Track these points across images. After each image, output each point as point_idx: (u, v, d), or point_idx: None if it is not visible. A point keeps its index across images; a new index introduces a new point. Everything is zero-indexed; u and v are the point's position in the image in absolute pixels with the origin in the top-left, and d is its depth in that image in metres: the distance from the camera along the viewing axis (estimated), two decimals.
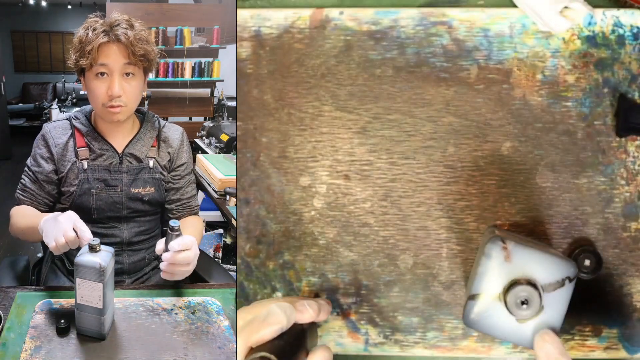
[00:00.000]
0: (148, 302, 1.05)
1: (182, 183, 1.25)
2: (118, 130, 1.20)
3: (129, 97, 1.14)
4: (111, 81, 1.12)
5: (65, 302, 1.03)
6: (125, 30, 1.11)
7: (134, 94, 1.15)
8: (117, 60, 1.11)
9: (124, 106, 1.14)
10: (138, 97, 1.17)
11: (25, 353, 0.87)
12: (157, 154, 1.22)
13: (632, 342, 0.80)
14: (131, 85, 1.14)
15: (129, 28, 1.12)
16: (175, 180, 1.24)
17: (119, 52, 1.11)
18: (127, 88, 1.13)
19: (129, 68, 1.13)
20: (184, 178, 1.26)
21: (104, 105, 1.13)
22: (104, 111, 1.14)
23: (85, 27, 1.13)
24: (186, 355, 0.91)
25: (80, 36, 1.12)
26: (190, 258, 0.97)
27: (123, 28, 1.11)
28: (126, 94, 1.13)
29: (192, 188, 1.28)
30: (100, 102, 1.13)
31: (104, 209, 1.18)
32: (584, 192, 0.79)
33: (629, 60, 0.78)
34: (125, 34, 1.10)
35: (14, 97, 5.98)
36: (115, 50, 1.11)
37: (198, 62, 3.83)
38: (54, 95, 6.13)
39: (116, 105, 1.13)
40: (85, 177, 1.19)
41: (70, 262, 1.23)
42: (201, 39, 3.96)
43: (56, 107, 4.87)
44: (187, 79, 3.77)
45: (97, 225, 1.19)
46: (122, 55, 1.11)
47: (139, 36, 1.12)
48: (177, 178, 1.24)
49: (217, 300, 1.08)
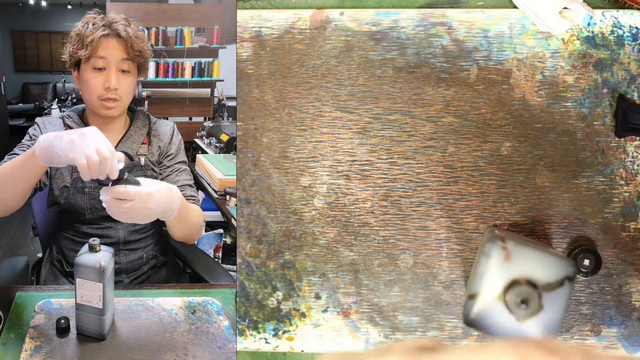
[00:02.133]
0: (148, 302, 1.06)
1: (169, 171, 1.24)
2: (110, 128, 1.21)
3: (124, 92, 1.15)
4: (108, 74, 1.14)
5: (65, 302, 1.03)
6: (125, 27, 1.13)
7: (128, 89, 1.16)
8: (115, 54, 1.13)
9: (119, 100, 1.14)
10: (132, 94, 1.18)
11: (25, 353, 0.87)
12: (147, 151, 1.22)
13: (632, 341, 0.80)
14: (126, 81, 1.15)
15: (128, 25, 1.14)
16: (162, 169, 1.24)
17: (118, 47, 1.14)
18: (122, 83, 1.15)
19: (126, 64, 1.15)
20: (171, 167, 1.25)
21: (99, 98, 1.14)
22: (99, 104, 1.15)
23: (84, 22, 1.15)
24: (186, 355, 0.91)
25: (79, 29, 1.14)
26: (130, 194, 0.85)
27: (122, 25, 1.13)
28: (122, 88, 1.14)
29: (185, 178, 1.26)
30: (95, 94, 1.14)
31: (98, 209, 1.18)
32: (583, 192, 0.79)
33: (628, 61, 0.78)
34: (125, 30, 1.13)
35: (14, 97, 5.97)
36: (115, 44, 1.13)
37: (198, 62, 3.83)
38: (54, 95, 6.12)
39: (112, 97, 1.14)
40: (78, 176, 1.19)
41: (68, 264, 1.23)
42: (201, 39, 3.96)
43: (56, 107, 4.87)
44: (187, 79, 3.77)
45: (92, 226, 1.19)
46: (120, 50, 1.13)
47: (136, 34, 1.15)
48: (163, 167, 1.24)
49: (217, 300, 1.08)
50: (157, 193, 0.91)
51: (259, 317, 0.84)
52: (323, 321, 0.82)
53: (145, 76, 1.27)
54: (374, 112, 0.80)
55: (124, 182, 0.85)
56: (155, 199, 0.90)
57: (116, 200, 0.86)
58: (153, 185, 0.90)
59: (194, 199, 1.29)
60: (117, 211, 0.87)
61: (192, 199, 1.29)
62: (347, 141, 0.81)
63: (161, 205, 0.91)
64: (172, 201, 0.94)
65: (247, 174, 0.82)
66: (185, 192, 1.27)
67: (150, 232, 1.28)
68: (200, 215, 1.25)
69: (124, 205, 0.86)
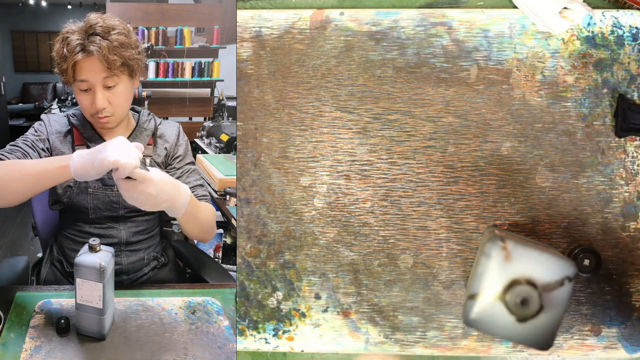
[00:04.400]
0: (148, 302, 1.06)
1: (179, 173, 1.24)
2: (114, 130, 1.20)
3: (115, 107, 1.12)
4: (94, 95, 1.09)
5: (65, 302, 1.03)
6: (100, 41, 1.06)
7: (120, 101, 1.12)
8: (95, 75, 1.08)
9: (111, 116, 1.12)
10: (126, 102, 1.16)
11: (25, 353, 0.87)
12: (153, 152, 1.22)
13: (631, 341, 0.80)
14: (116, 95, 1.11)
15: (104, 37, 1.07)
16: (172, 171, 1.23)
17: (97, 66, 1.07)
18: (112, 98, 1.11)
19: (109, 81, 1.09)
20: (181, 168, 1.25)
21: (92, 116, 1.13)
22: (93, 120, 1.14)
23: (61, 39, 1.09)
24: (186, 355, 0.91)
25: (56, 49, 1.08)
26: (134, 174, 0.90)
27: (98, 39, 1.06)
28: (112, 105, 1.11)
29: (196, 178, 1.26)
30: (88, 113, 1.12)
31: (101, 209, 1.18)
32: (583, 192, 0.79)
33: (628, 61, 0.78)
34: (98, 47, 1.05)
35: (14, 97, 5.97)
36: (93, 64, 1.06)
37: (198, 62, 3.83)
38: (54, 95, 6.12)
39: (103, 116, 1.11)
40: None
41: (69, 264, 1.23)
42: (201, 39, 3.95)
43: (56, 107, 4.86)
44: (187, 79, 3.77)
45: (95, 225, 1.18)
46: (100, 69, 1.07)
47: (115, 43, 1.07)
48: (172, 170, 1.24)
49: (217, 300, 1.08)
50: (160, 182, 0.92)
51: (259, 317, 0.84)
52: (323, 321, 0.82)
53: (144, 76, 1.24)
54: (374, 112, 0.80)
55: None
56: (155, 186, 0.91)
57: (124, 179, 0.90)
58: (157, 174, 0.92)
59: (205, 198, 1.28)
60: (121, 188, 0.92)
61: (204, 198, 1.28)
62: (347, 141, 0.81)
63: (163, 194, 0.92)
64: (178, 198, 0.95)
65: (247, 174, 0.82)
66: (197, 192, 1.26)
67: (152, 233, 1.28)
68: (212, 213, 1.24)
69: (126, 182, 0.89)
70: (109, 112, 1.11)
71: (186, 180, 1.24)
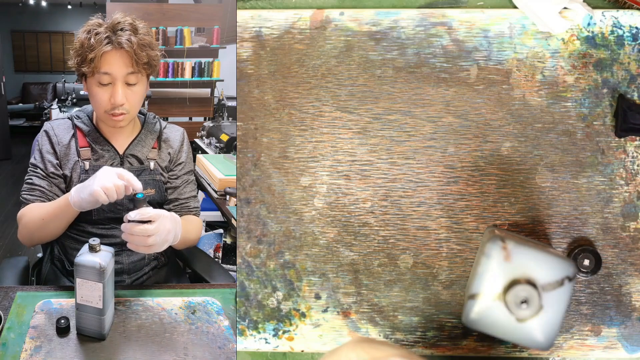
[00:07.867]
0: (148, 302, 1.06)
1: (179, 182, 1.25)
2: (120, 132, 1.20)
3: (132, 104, 1.12)
4: (114, 90, 1.09)
5: (65, 302, 1.03)
6: (130, 36, 1.07)
7: (136, 100, 1.13)
8: (120, 69, 1.08)
9: (127, 113, 1.12)
10: (140, 102, 1.16)
11: (25, 353, 0.87)
12: (157, 156, 1.22)
13: (631, 341, 0.80)
14: (134, 93, 1.11)
15: (133, 34, 1.08)
16: (172, 179, 1.24)
17: (122, 61, 1.08)
18: (130, 95, 1.11)
19: (132, 77, 1.09)
20: (181, 177, 1.25)
21: (106, 112, 1.12)
22: (106, 117, 1.13)
23: (87, 30, 1.09)
24: (186, 355, 0.91)
25: (82, 40, 1.08)
26: (149, 230, 0.95)
27: (127, 34, 1.07)
28: (129, 102, 1.11)
29: (191, 189, 1.27)
30: (102, 109, 1.12)
31: (105, 210, 1.18)
32: (583, 192, 0.79)
33: (628, 61, 0.78)
34: (129, 41, 1.06)
35: (14, 97, 5.98)
36: (119, 58, 1.07)
37: (198, 62, 3.83)
38: (54, 95, 6.13)
39: (119, 113, 1.11)
40: (87, 178, 1.18)
41: (70, 262, 1.23)
42: (201, 39, 3.96)
43: (56, 107, 4.86)
44: (187, 79, 3.77)
45: (98, 226, 1.18)
46: (125, 64, 1.08)
47: (143, 42, 1.08)
48: (173, 177, 1.24)
49: (217, 300, 1.08)
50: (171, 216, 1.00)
51: (259, 317, 0.84)
52: (323, 321, 0.82)
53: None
54: (374, 112, 0.80)
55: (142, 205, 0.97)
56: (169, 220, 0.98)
57: (137, 229, 0.95)
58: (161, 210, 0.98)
59: (196, 210, 1.29)
60: (140, 240, 0.96)
61: (195, 211, 1.29)
62: (347, 141, 0.81)
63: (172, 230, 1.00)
64: (177, 230, 1.02)
65: (247, 174, 0.82)
66: (190, 204, 1.27)
67: None
68: (198, 227, 1.27)
69: (149, 228, 0.94)
70: (125, 109, 1.11)
71: (184, 190, 1.25)
